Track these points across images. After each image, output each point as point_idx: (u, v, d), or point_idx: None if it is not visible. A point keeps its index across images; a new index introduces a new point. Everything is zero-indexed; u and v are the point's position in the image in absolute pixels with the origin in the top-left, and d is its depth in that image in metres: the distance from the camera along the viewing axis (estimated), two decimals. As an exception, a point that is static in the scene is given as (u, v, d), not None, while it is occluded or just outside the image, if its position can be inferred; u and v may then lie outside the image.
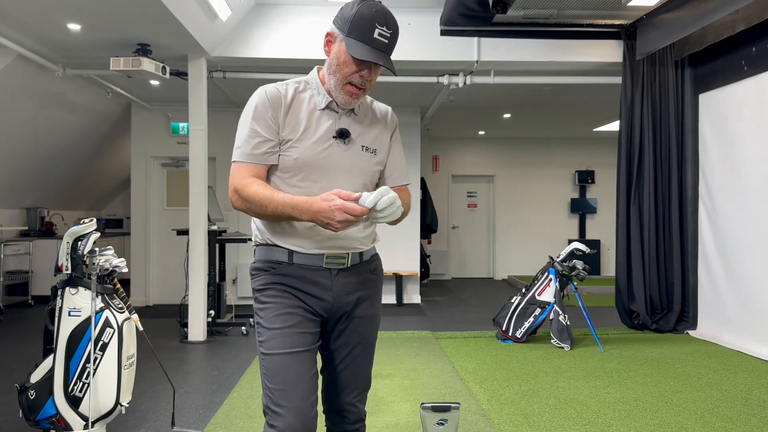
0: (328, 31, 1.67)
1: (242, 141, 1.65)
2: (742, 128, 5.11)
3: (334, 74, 1.65)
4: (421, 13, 5.69)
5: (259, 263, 1.71)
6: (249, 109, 1.66)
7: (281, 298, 1.66)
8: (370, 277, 1.82)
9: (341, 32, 1.62)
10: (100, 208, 10.16)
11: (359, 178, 1.73)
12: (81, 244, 2.75)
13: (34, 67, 5.58)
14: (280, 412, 1.56)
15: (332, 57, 1.66)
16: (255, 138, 1.63)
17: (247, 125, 1.65)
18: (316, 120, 1.69)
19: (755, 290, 4.95)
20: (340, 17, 1.64)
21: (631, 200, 5.84)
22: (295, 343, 1.62)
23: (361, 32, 1.58)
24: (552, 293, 5.15)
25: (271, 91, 1.67)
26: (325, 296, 1.70)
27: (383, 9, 1.62)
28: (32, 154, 6.89)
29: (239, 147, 1.65)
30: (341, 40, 1.62)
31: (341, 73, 1.64)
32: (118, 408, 2.73)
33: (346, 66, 1.63)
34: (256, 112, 1.64)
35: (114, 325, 2.71)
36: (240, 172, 1.62)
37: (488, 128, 10.15)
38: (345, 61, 1.62)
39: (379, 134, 1.80)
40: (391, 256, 7.94)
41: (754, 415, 3.37)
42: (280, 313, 1.64)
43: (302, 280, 1.67)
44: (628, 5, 4.98)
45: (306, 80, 1.74)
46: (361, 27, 1.58)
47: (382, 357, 4.76)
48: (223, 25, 5.32)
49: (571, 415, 3.36)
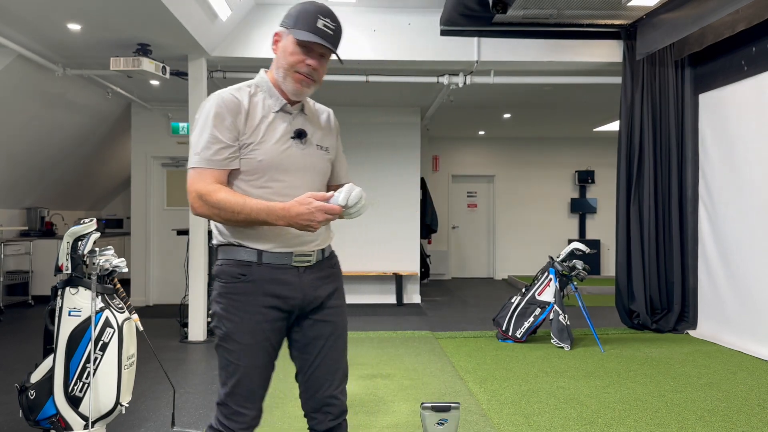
0: (275, 32, 1.75)
1: (202, 147, 1.65)
2: (742, 128, 5.11)
3: (282, 66, 1.72)
4: (421, 13, 5.69)
5: (227, 266, 1.72)
6: (207, 116, 1.67)
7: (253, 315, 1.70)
8: (333, 271, 1.90)
9: (287, 28, 1.71)
10: (100, 208, 10.16)
11: (317, 176, 1.82)
12: (81, 244, 2.75)
13: (35, 67, 5.58)
14: (243, 412, 1.72)
15: (280, 52, 1.74)
16: (216, 144, 1.65)
17: (208, 131, 1.66)
18: (272, 122, 1.73)
19: (755, 290, 4.95)
20: (285, 18, 1.73)
21: (631, 200, 5.84)
22: (262, 358, 1.73)
23: (306, 24, 1.67)
24: (552, 293, 5.15)
25: (228, 98, 1.68)
26: (295, 294, 1.75)
27: (326, 6, 1.72)
28: (32, 154, 6.90)
29: (198, 153, 1.65)
30: (288, 34, 1.71)
31: (287, 62, 1.70)
32: (119, 408, 2.73)
33: (293, 55, 1.69)
34: (216, 119, 1.66)
35: (114, 325, 2.71)
36: (203, 178, 1.64)
37: (488, 128, 10.15)
38: (292, 51, 1.70)
39: (328, 133, 1.90)
40: (391, 256, 7.94)
41: (754, 414, 3.37)
42: (250, 330, 1.70)
43: (272, 283, 1.71)
44: (628, 5, 4.98)
45: (255, 84, 1.77)
46: (306, 19, 1.68)
47: (382, 357, 4.76)
48: (224, 25, 5.32)
49: (571, 415, 3.36)
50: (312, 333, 1.82)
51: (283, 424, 3.23)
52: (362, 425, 3.20)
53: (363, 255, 7.92)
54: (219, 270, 1.74)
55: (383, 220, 7.96)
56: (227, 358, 1.71)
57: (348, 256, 7.93)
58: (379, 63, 5.81)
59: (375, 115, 8.00)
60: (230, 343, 1.70)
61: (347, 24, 5.64)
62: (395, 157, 7.98)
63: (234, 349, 1.70)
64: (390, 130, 8.01)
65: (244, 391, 1.71)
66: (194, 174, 1.65)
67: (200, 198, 1.62)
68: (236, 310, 1.70)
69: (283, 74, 1.72)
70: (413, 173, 8.03)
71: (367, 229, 7.95)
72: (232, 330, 1.70)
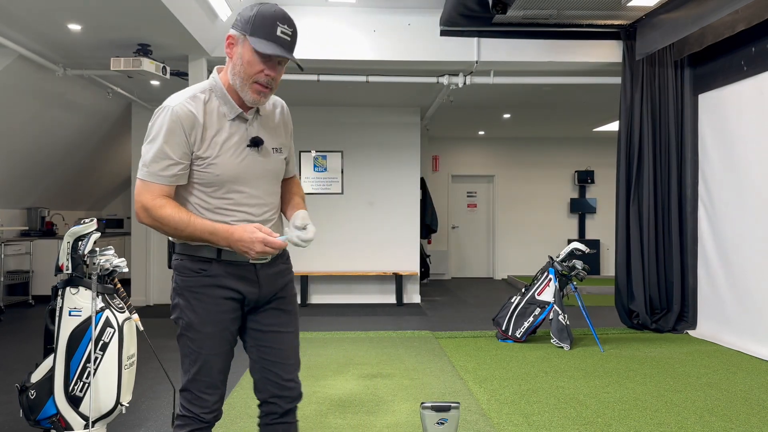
0: (229, 34, 1.69)
1: (150, 160, 1.66)
2: (742, 128, 5.11)
3: (239, 75, 1.68)
4: (421, 13, 5.70)
5: (188, 261, 1.77)
6: (160, 129, 1.66)
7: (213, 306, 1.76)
8: (287, 266, 1.96)
9: (243, 33, 1.66)
10: (101, 208, 10.17)
11: (273, 180, 1.86)
12: (81, 244, 2.76)
13: (35, 67, 5.58)
14: (206, 398, 1.79)
15: (236, 58, 1.68)
16: (165, 160, 1.65)
17: (157, 145, 1.65)
18: (228, 130, 1.72)
19: (755, 290, 4.95)
20: (240, 20, 1.67)
21: (630, 200, 5.85)
22: (222, 346, 1.81)
23: (264, 31, 1.63)
24: (551, 293, 5.15)
25: (183, 112, 1.66)
26: (253, 289, 1.82)
27: (282, 10, 1.68)
28: (33, 154, 6.90)
29: (147, 166, 1.67)
30: (244, 40, 1.66)
31: (246, 73, 1.67)
32: (119, 408, 2.74)
33: (251, 65, 1.66)
34: (168, 134, 1.65)
35: (114, 324, 2.71)
36: (150, 192, 1.66)
37: (488, 128, 10.15)
38: (250, 60, 1.66)
39: (281, 130, 1.90)
40: (391, 256, 7.95)
41: (753, 414, 3.38)
42: (211, 320, 1.77)
43: (230, 277, 1.77)
44: (628, 5, 4.99)
45: (209, 88, 1.74)
46: (264, 26, 1.63)
47: (382, 357, 4.77)
48: (224, 26, 5.32)
49: (571, 415, 3.36)
50: (269, 321, 1.88)
51: (283, 423, 3.23)
52: (362, 425, 3.21)
53: (363, 255, 7.93)
54: (179, 264, 1.79)
55: (383, 220, 7.96)
56: (190, 347, 1.79)
57: (348, 256, 7.94)
58: (379, 63, 5.82)
59: (375, 115, 8.01)
60: (192, 332, 1.77)
61: (347, 24, 5.68)
62: (395, 157, 7.98)
63: (196, 338, 1.77)
64: (390, 130, 8.02)
65: (205, 377, 1.79)
66: (141, 185, 1.67)
67: (146, 210, 1.66)
68: (198, 302, 1.76)
69: (241, 84, 1.69)
70: (413, 173, 8.04)
71: (367, 229, 7.95)
72: (195, 320, 1.76)
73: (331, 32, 5.68)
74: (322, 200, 7.95)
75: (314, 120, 7.87)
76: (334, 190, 7.97)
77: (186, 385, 1.80)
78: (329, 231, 7.90)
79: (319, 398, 3.67)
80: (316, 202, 7.94)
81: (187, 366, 1.80)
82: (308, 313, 7.11)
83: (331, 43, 5.67)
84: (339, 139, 7.94)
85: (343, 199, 7.97)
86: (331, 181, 7.98)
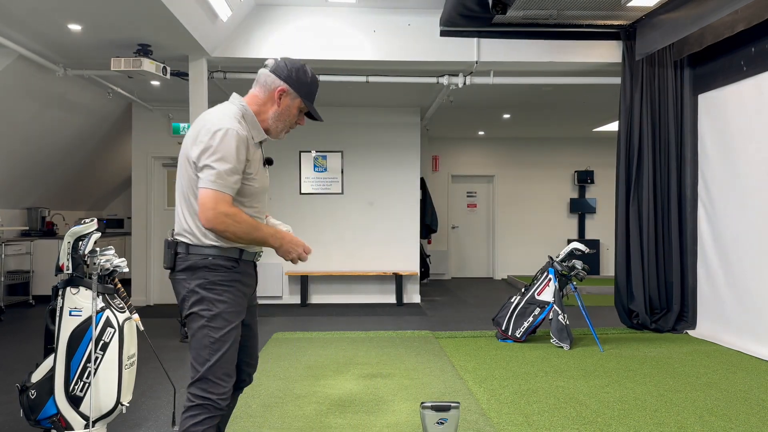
0: (282, 87, 2.08)
1: (225, 173, 1.93)
2: (742, 128, 5.12)
3: (284, 121, 2.13)
4: (421, 13, 5.70)
5: (220, 259, 2.02)
6: (230, 148, 1.93)
7: (239, 298, 2.06)
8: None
9: (297, 93, 2.11)
10: (101, 208, 10.18)
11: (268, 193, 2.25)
12: (82, 244, 2.76)
13: (35, 67, 5.59)
14: (224, 384, 2.01)
15: (285, 108, 2.11)
16: (235, 175, 1.96)
17: (232, 163, 1.94)
18: (257, 151, 2.09)
19: (754, 290, 4.96)
20: (295, 80, 2.09)
21: (630, 200, 5.85)
22: (239, 336, 2.08)
23: (309, 96, 2.15)
24: (551, 293, 5.16)
25: (242, 134, 1.98)
26: (253, 284, 2.20)
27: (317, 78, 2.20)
28: (33, 154, 6.91)
29: (222, 179, 1.92)
30: (295, 97, 2.11)
31: (290, 120, 2.14)
32: (119, 407, 2.74)
33: (295, 117, 2.15)
34: (237, 152, 1.95)
35: (115, 324, 2.72)
36: (226, 201, 1.94)
37: (488, 128, 10.16)
38: (296, 114, 2.14)
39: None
40: (391, 256, 7.95)
41: (753, 414, 3.38)
42: (236, 311, 2.05)
43: (246, 275, 2.11)
44: (628, 6, 4.99)
45: (242, 114, 2.06)
46: (312, 92, 2.15)
47: (381, 357, 4.77)
48: (224, 26, 5.33)
49: (571, 415, 3.37)
50: (250, 313, 2.23)
51: (282, 424, 3.24)
52: (362, 425, 3.21)
53: (363, 255, 7.93)
54: (209, 262, 2.01)
55: (383, 220, 7.97)
56: (213, 337, 1.99)
57: (348, 256, 7.94)
58: (379, 63, 5.82)
59: (375, 115, 8.01)
60: (218, 322, 1.99)
61: (347, 24, 5.69)
62: (395, 157, 7.99)
63: (221, 327, 2.00)
64: (390, 130, 8.02)
65: (224, 364, 2.01)
66: (217, 195, 1.91)
67: (228, 216, 1.92)
68: (229, 295, 2.02)
69: (282, 126, 2.13)
70: (413, 173, 8.04)
71: (367, 229, 7.96)
72: (224, 311, 2.00)
73: (331, 32, 5.68)
74: (322, 200, 7.95)
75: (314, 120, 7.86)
76: (334, 190, 7.98)
77: (204, 374, 1.97)
78: (329, 231, 7.90)
79: (319, 398, 3.68)
80: (316, 202, 7.94)
81: (206, 356, 1.98)
82: (308, 313, 7.12)
83: (331, 43, 5.68)
84: (339, 139, 7.95)
85: (343, 199, 7.98)
86: (331, 181, 7.98)
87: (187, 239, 2.03)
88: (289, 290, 7.92)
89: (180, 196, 2.06)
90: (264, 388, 3.90)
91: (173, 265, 2.05)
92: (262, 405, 3.55)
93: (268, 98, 2.10)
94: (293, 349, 5.10)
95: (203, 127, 1.97)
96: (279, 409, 3.48)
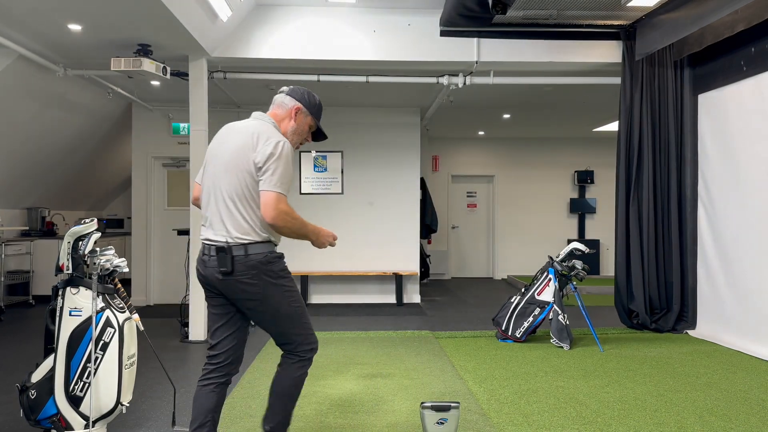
0: (297, 106, 2.50)
1: (287, 180, 2.30)
2: (742, 128, 5.12)
3: (299, 135, 2.54)
4: (421, 13, 5.70)
5: (274, 254, 2.38)
6: (288, 158, 2.32)
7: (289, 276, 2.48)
8: None
9: (308, 111, 2.54)
10: (101, 208, 10.18)
11: None
12: (82, 244, 2.76)
13: (35, 67, 5.59)
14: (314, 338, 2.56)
15: (301, 124, 2.53)
16: (290, 181, 2.34)
17: (290, 171, 2.34)
18: None
19: (754, 290, 4.96)
20: (307, 101, 2.53)
21: (630, 200, 5.85)
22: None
23: (318, 115, 2.60)
24: (551, 293, 5.16)
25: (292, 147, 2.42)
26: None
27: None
28: (33, 154, 6.91)
29: (284, 184, 2.29)
30: (308, 115, 2.54)
31: (303, 136, 2.57)
32: (119, 407, 2.75)
33: (307, 133, 2.59)
34: (291, 161, 2.35)
35: (115, 324, 2.72)
36: (285, 202, 2.28)
37: (488, 128, 10.16)
38: (307, 130, 2.58)
39: None
40: (391, 256, 7.96)
41: (753, 414, 3.38)
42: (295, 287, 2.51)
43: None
44: (628, 6, 4.99)
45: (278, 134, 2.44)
46: (319, 111, 2.60)
47: (381, 357, 4.77)
48: (224, 26, 5.33)
49: (571, 415, 3.37)
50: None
51: (283, 423, 3.24)
52: (362, 425, 3.21)
53: (363, 255, 7.93)
54: (273, 256, 2.36)
55: (383, 220, 7.97)
56: (300, 305, 2.47)
57: (348, 256, 7.94)
58: (379, 63, 5.82)
59: (375, 115, 8.01)
60: (295, 295, 2.45)
61: (347, 24, 5.69)
62: (395, 157, 7.99)
63: (298, 299, 2.45)
64: (390, 130, 8.02)
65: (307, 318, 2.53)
66: (278, 197, 2.25)
67: (287, 214, 2.26)
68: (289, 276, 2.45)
69: (297, 139, 2.54)
70: (413, 173, 8.04)
71: (367, 229, 7.96)
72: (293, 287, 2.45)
73: (331, 32, 5.68)
74: (322, 200, 7.95)
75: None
76: (334, 190, 7.98)
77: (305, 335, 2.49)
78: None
79: (319, 398, 3.68)
80: (316, 202, 7.94)
81: (299, 322, 2.46)
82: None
83: (331, 43, 5.67)
84: (339, 139, 7.95)
85: (343, 199, 7.98)
86: (331, 181, 7.98)
87: (245, 240, 2.29)
88: (289, 290, 7.91)
89: (229, 202, 2.30)
90: (264, 388, 3.90)
91: (232, 269, 2.27)
92: (262, 405, 3.55)
93: (286, 116, 2.49)
94: (293, 349, 5.10)
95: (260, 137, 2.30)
96: (279, 409, 3.48)
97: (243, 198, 2.27)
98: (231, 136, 2.37)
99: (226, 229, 2.28)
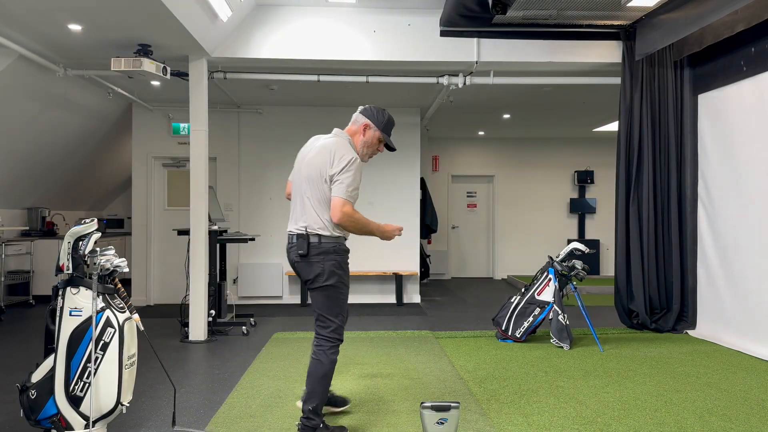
0: (366, 122, 3.03)
1: (353, 188, 2.83)
2: (742, 128, 5.12)
3: (369, 147, 3.05)
4: (421, 13, 5.70)
5: (343, 246, 2.95)
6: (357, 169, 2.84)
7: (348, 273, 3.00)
8: None
9: (377, 126, 3.04)
10: (101, 208, 10.18)
11: None
12: (82, 244, 2.77)
13: (35, 67, 5.59)
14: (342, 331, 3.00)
15: (369, 138, 3.04)
16: (356, 189, 2.85)
17: (358, 181, 2.85)
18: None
19: (754, 290, 4.96)
20: (375, 117, 3.04)
21: (630, 200, 5.85)
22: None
23: (389, 130, 3.09)
24: (551, 293, 5.16)
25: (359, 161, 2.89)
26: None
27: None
28: (33, 154, 6.91)
29: (349, 191, 2.81)
30: (375, 130, 3.04)
31: (373, 148, 3.07)
32: (119, 407, 2.75)
33: (376, 146, 3.08)
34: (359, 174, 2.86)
35: (115, 324, 2.72)
36: (351, 206, 2.83)
37: (488, 128, 10.16)
38: (377, 143, 3.07)
39: None
40: (391, 256, 7.96)
41: (753, 414, 3.38)
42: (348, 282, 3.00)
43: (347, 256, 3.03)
44: (628, 6, 4.99)
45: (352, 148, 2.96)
46: (388, 127, 3.08)
47: (382, 357, 4.78)
48: (224, 26, 5.33)
49: (571, 414, 3.37)
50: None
51: (283, 423, 3.24)
52: (362, 425, 3.21)
53: (363, 255, 7.93)
54: (338, 248, 2.91)
55: (383, 219, 7.96)
56: (342, 299, 2.96)
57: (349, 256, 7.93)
58: (379, 63, 5.82)
59: (375, 116, 8.00)
60: (345, 290, 2.96)
61: (347, 24, 5.69)
62: (395, 157, 7.99)
63: (345, 292, 2.96)
64: (390, 130, 8.01)
65: (347, 315, 3.01)
66: (345, 202, 2.79)
67: (350, 216, 2.81)
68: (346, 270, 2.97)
69: (367, 152, 3.06)
70: (413, 173, 8.04)
71: (367, 229, 7.95)
72: (347, 282, 2.97)
73: (331, 32, 5.68)
74: (322, 200, 7.94)
75: (314, 120, 7.87)
76: (334, 190, 7.97)
77: (339, 323, 2.94)
78: (329, 231, 7.89)
79: (319, 398, 3.68)
80: (316, 202, 7.93)
81: (337, 311, 2.94)
82: (308, 312, 7.12)
83: (331, 43, 5.67)
84: (339, 139, 7.93)
85: (343, 199, 7.97)
86: (331, 181, 7.97)
87: (321, 232, 2.87)
88: (289, 290, 7.92)
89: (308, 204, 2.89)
90: (264, 388, 3.90)
91: (307, 251, 2.86)
92: (262, 405, 3.55)
93: (358, 131, 3.04)
94: (293, 349, 5.10)
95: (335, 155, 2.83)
96: (279, 409, 3.48)
97: (318, 202, 2.86)
98: (314, 151, 2.94)
99: (307, 223, 2.89)
